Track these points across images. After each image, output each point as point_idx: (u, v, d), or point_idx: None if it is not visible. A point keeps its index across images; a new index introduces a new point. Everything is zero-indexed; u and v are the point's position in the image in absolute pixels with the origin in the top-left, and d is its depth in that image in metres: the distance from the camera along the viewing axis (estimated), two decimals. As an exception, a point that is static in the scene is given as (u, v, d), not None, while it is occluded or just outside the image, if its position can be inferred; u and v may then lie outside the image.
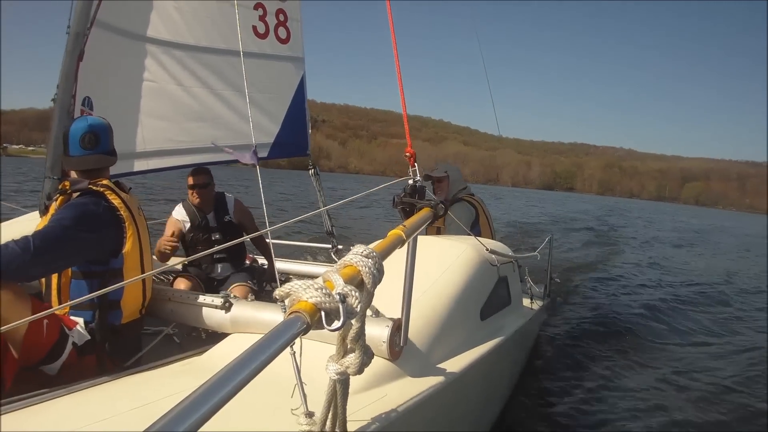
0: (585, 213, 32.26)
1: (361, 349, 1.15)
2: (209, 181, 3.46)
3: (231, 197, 3.62)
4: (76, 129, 2.21)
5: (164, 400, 1.47)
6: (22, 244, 1.87)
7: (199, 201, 3.43)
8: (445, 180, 4.09)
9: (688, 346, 5.53)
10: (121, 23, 3.19)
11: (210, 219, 3.48)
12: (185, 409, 0.68)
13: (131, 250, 2.16)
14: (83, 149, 2.20)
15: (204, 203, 3.45)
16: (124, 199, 2.19)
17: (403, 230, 1.59)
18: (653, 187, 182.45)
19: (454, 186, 4.10)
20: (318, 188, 4.31)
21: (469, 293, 2.47)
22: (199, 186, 3.42)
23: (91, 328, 2.10)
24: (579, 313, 6.46)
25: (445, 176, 4.09)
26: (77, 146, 2.20)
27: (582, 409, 3.69)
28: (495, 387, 2.99)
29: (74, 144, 2.20)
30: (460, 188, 4.13)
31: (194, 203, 3.45)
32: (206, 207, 3.47)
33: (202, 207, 3.46)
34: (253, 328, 2.14)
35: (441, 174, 4.09)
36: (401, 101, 2.69)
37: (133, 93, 3.40)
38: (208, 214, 3.49)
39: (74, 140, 2.20)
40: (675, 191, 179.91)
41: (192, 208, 3.46)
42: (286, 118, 4.15)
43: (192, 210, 3.46)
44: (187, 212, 3.46)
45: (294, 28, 4.11)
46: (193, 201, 3.46)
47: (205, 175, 3.46)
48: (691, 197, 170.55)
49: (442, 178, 4.09)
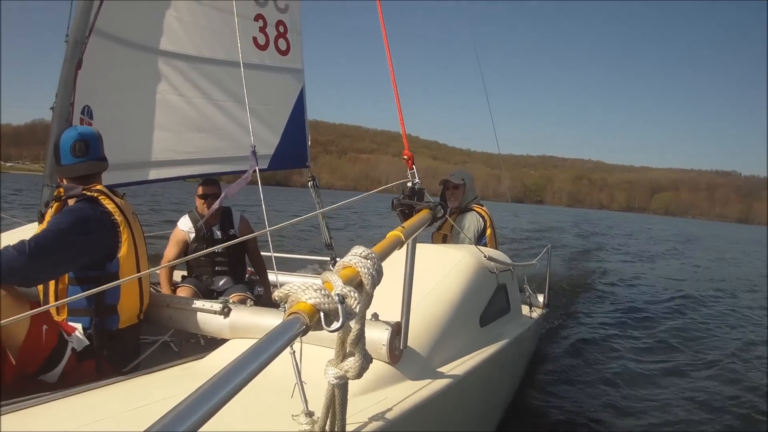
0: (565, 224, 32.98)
1: (360, 353, 1.15)
2: (219, 192, 3.48)
3: (238, 213, 3.64)
4: (66, 138, 2.25)
5: (162, 402, 1.46)
6: (18, 247, 1.89)
7: (208, 211, 3.43)
8: (461, 187, 4.07)
9: (690, 350, 5.53)
10: (120, 32, 3.20)
11: (215, 232, 3.49)
12: (185, 410, 0.68)
13: (127, 254, 2.17)
14: (74, 157, 2.24)
15: (212, 215, 3.46)
16: (118, 204, 2.22)
17: (401, 232, 1.59)
18: (623, 199, 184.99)
19: (468, 195, 4.10)
20: (317, 200, 4.31)
21: (468, 299, 2.47)
22: (211, 197, 3.43)
23: (90, 333, 2.10)
24: (578, 322, 6.45)
25: (462, 184, 4.07)
26: (68, 155, 2.24)
27: (581, 416, 3.68)
28: (494, 393, 2.97)
29: (65, 153, 2.24)
30: (471, 198, 4.13)
31: (202, 213, 3.46)
32: (213, 219, 3.48)
33: (209, 218, 3.46)
34: (252, 333, 2.13)
35: (458, 181, 4.07)
36: (397, 107, 2.70)
37: (133, 102, 3.42)
38: (214, 227, 3.49)
39: (65, 149, 2.24)
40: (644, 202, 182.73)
41: (198, 219, 3.47)
42: (285, 129, 4.17)
43: (198, 221, 3.47)
44: (193, 223, 3.47)
45: (294, 40, 4.15)
46: (202, 211, 3.46)
47: (216, 186, 3.49)
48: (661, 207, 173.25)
49: (459, 186, 4.07)
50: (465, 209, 4.06)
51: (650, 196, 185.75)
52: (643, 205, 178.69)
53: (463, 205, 4.06)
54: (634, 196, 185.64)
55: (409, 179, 2.60)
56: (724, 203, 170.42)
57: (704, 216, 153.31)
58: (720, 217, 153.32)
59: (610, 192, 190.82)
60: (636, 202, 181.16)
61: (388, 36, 2.77)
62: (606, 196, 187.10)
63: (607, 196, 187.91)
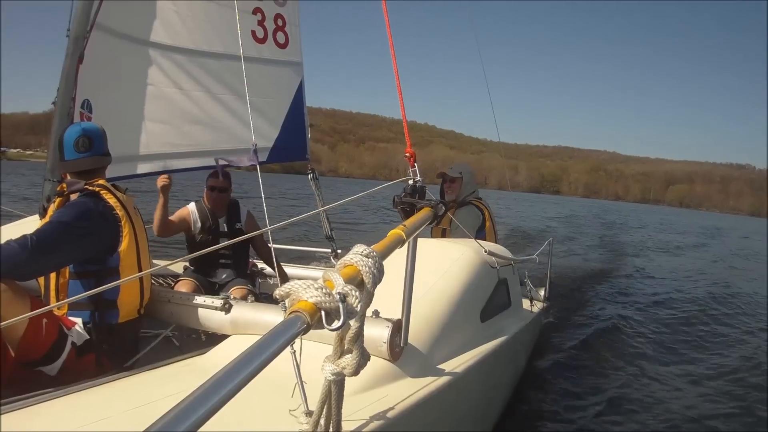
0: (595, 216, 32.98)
1: (358, 350, 1.15)
2: (229, 186, 3.49)
3: (245, 208, 3.64)
4: (69, 134, 2.27)
5: (163, 400, 1.47)
6: (20, 241, 1.90)
7: (216, 204, 3.43)
8: (458, 181, 4.06)
9: (692, 349, 5.53)
10: (121, 27, 3.19)
11: (221, 224, 3.49)
12: (185, 409, 0.68)
13: (127, 249, 2.17)
14: (77, 152, 2.25)
15: (219, 207, 3.46)
16: (120, 199, 2.22)
17: (403, 230, 1.59)
18: (638, 190, 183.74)
19: (466, 188, 4.08)
20: (317, 192, 4.30)
21: (469, 295, 2.47)
22: (219, 189, 3.43)
23: (90, 328, 2.11)
24: (580, 316, 6.45)
25: (459, 177, 4.06)
26: (71, 150, 2.25)
27: (582, 411, 3.68)
28: (495, 389, 2.98)
29: (68, 148, 2.25)
30: (470, 191, 4.11)
31: (210, 206, 3.46)
32: (220, 211, 3.48)
33: (216, 210, 3.46)
34: (253, 329, 2.13)
35: (455, 174, 4.07)
36: (400, 104, 2.69)
37: (132, 96, 3.41)
38: (220, 219, 3.49)
39: (68, 145, 2.25)
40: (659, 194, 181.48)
41: (205, 209, 3.47)
42: (285, 122, 4.15)
43: (205, 211, 3.47)
44: (199, 212, 3.47)
45: (292, 33, 4.12)
46: (209, 203, 3.46)
47: (227, 180, 3.49)
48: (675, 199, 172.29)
49: (456, 179, 4.06)
50: (463, 203, 4.05)
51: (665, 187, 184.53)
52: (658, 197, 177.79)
53: (460, 199, 4.05)
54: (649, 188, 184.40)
55: (410, 176, 2.58)
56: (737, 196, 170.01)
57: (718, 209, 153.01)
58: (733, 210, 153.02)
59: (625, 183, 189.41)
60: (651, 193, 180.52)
61: (392, 34, 2.74)
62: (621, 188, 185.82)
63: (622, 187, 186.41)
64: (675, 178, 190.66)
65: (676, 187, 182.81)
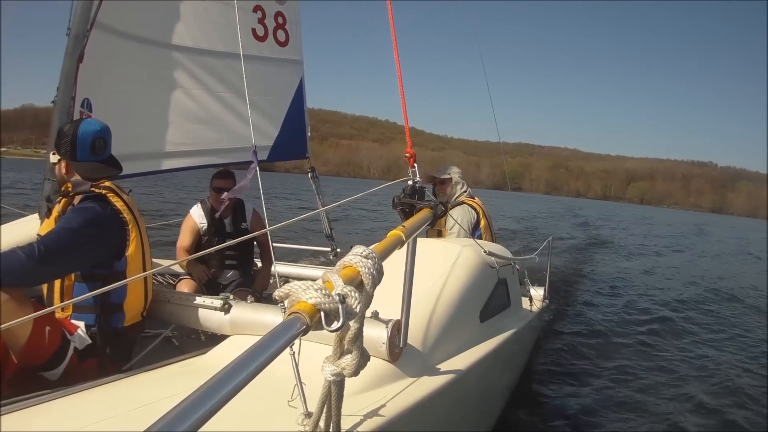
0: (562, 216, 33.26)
1: (358, 351, 1.15)
2: (233, 186, 3.45)
3: (250, 206, 3.62)
4: (85, 133, 2.16)
5: (163, 401, 1.47)
6: (27, 250, 1.85)
7: (221, 204, 3.42)
8: (448, 182, 4.10)
9: (690, 348, 5.54)
10: (121, 25, 3.18)
11: (227, 224, 3.48)
12: (185, 410, 0.68)
13: (134, 253, 2.15)
14: (93, 154, 2.19)
15: (225, 207, 3.44)
16: (126, 201, 2.19)
17: (402, 231, 1.59)
18: (599, 187, 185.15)
19: (456, 189, 4.11)
20: (317, 191, 4.31)
21: (468, 295, 2.47)
22: (225, 190, 3.41)
23: (93, 332, 2.09)
24: (579, 315, 6.46)
25: (449, 178, 4.10)
26: (87, 152, 2.17)
27: (582, 410, 3.69)
28: (495, 389, 2.99)
29: (83, 149, 2.17)
30: (462, 191, 4.13)
31: (214, 206, 3.45)
32: (225, 211, 3.47)
33: (222, 211, 3.44)
34: (252, 329, 2.13)
35: (445, 176, 4.10)
36: (402, 106, 2.69)
37: (132, 95, 3.39)
38: (226, 219, 3.48)
39: (84, 145, 2.16)
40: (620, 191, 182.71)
41: (210, 209, 3.46)
42: (285, 121, 4.15)
43: (210, 212, 3.46)
44: (205, 213, 3.46)
45: (293, 31, 4.11)
46: (214, 203, 3.45)
47: (231, 180, 3.47)
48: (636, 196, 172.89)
49: (446, 180, 4.10)
50: (455, 203, 4.05)
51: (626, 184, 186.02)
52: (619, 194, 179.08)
53: (453, 200, 4.06)
54: (610, 185, 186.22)
55: (409, 177, 2.58)
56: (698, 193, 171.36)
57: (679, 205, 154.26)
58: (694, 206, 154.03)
59: (587, 180, 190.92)
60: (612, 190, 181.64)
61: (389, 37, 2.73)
62: (583, 185, 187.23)
63: (583, 184, 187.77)
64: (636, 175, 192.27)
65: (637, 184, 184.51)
